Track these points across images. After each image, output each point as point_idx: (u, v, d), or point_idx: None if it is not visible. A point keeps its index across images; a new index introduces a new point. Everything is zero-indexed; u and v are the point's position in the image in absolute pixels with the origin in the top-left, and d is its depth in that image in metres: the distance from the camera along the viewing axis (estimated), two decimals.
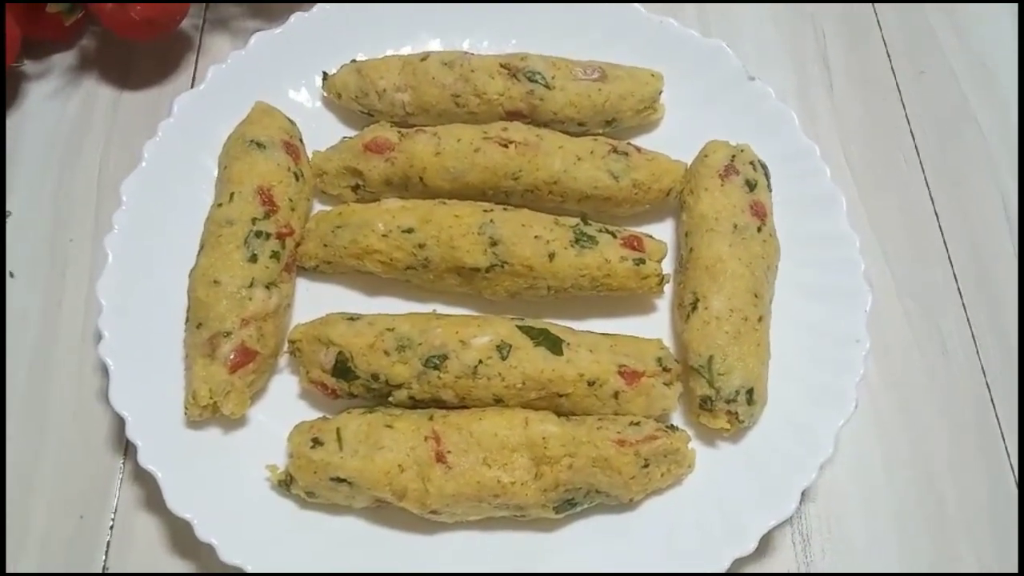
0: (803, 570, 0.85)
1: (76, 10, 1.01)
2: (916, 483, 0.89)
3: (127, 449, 0.89)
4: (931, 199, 1.06)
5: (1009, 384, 0.94)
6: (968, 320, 0.98)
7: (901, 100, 1.13)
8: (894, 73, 1.15)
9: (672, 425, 0.85)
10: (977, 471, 0.90)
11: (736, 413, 0.83)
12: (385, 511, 0.82)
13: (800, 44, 1.17)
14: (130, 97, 1.10)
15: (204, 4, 1.17)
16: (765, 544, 0.85)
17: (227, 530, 0.78)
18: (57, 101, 1.10)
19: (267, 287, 0.87)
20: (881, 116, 1.12)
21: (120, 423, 0.89)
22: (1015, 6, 1.21)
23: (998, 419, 0.93)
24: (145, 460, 0.80)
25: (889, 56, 1.17)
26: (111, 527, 0.85)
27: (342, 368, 0.84)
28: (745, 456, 0.85)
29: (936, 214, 1.05)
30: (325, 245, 0.92)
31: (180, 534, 0.84)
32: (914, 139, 1.10)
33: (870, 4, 1.21)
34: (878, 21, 1.19)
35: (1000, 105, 1.13)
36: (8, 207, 1.01)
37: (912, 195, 1.06)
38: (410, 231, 0.90)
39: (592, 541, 0.82)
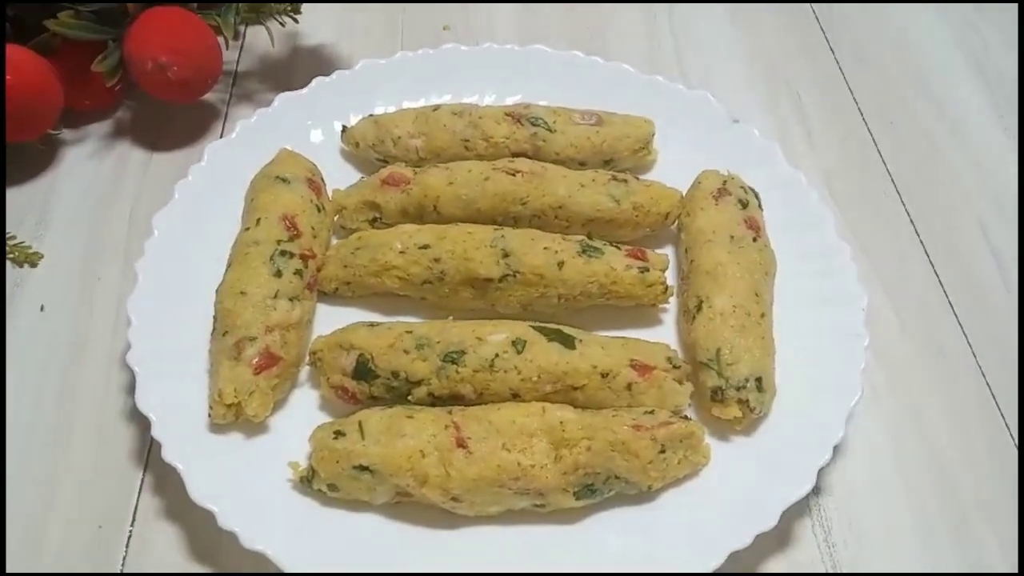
0: (827, 559, 0.84)
1: (118, 71, 1.10)
2: (927, 471, 0.91)
3: (147, 463, 0.89)
4: (912, 224, 1.13)
5: (1005, 376, 0.99)
6: (960, 323, 1.03)
7: (875, 145, 1.23)
8: (866, 123, 1.25)
9: (686, 416, 0.87)
10: (982, 453, 0.93)
11: (747, 401, 0.86)
12: (405, 509, 0.83)
13: (776, 100, 1.28)
14: (160, 157, 1.18)
15: (231, 79, 1.28)
16: (787, 535, 0.86)
17: (249, 520, 0.79)
18: (92, 161, 1.17)
19: (290, 300, 0.91)
20: (858, 159, 1.21)
21: (142, 439, 0.91)
22: (966, 55, 1.34)
23: (999, 408, 0.96)
24: (169, 456, 0.81)
25: (860, 110, 1.27)
26: (129, 535, 0.84)
27: (363, 369, 0.87)
28: (759, 446, 0.87)
29: (920, 239, 1.12)
30: (345, 266, 0.97)
31: (198, 539, 0.84)
32: (891, 175, 1.19)
33: (838, 67, 1.33)
34: (846, 80, 1.31)
35: (965, 143, 1.24)
36: (41, 250, 1.07)
37: (895, 222, 1.14)
38: (426, 247, 0.95)
39: (613, 531, 0.82)
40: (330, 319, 0.97)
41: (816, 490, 0.86)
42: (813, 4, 1.44)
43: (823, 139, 1.23)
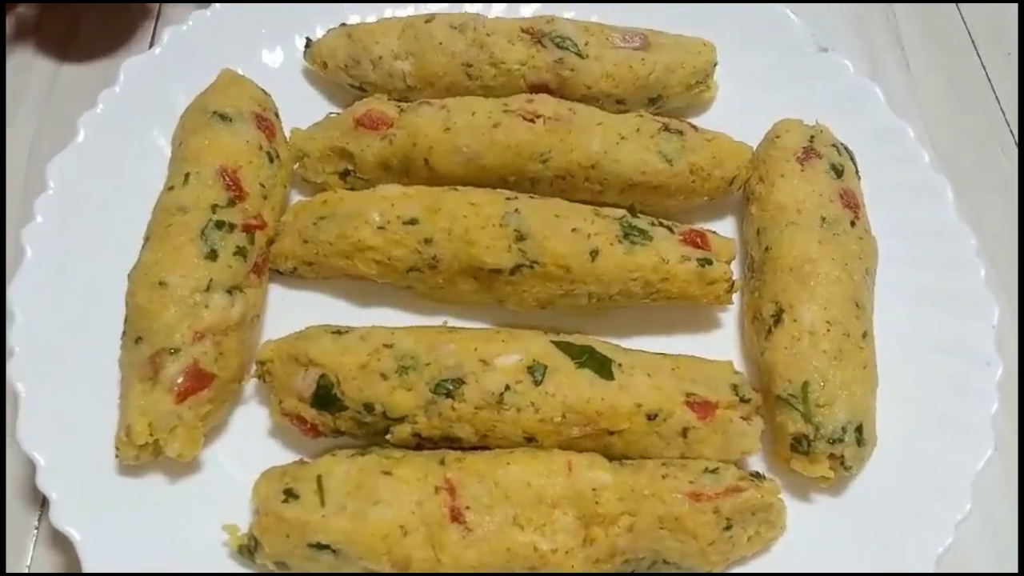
0: None
1: None
2: None
3: (45, 502, 0.68)
4: None
5: None
6: None
7: (990, 84, 0.97)
8: (978, 54, 1.00)
9: (757, 473, 0.65)
10: None
11: (842, 457, 0.64)
12: None
13: (867, 23, 1.03)
14: (71, 71, 0.94)
15: None
16: None
17: None
18: None
19: (229, 292, 0.69)
20: (969, 100, 0.98)
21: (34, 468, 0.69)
22: None
23: None
24: (60, 519, 0.61)
25: (971, 35, 1.01)
26: None
27: (325, 396, 0.65)
28: (851, 512, 0.67)
29: None
30: (305, 241, 0.74)
31: None
32: (1007, 122, 0.94)
33: None
34: None
35: None
36: None
37: (1014, 188, 0.89)
38: (413, 222, 0.71)
39: None
40: (286, 308, 0.77)
41: None
42: None
43: (925, 73, 0.99)
